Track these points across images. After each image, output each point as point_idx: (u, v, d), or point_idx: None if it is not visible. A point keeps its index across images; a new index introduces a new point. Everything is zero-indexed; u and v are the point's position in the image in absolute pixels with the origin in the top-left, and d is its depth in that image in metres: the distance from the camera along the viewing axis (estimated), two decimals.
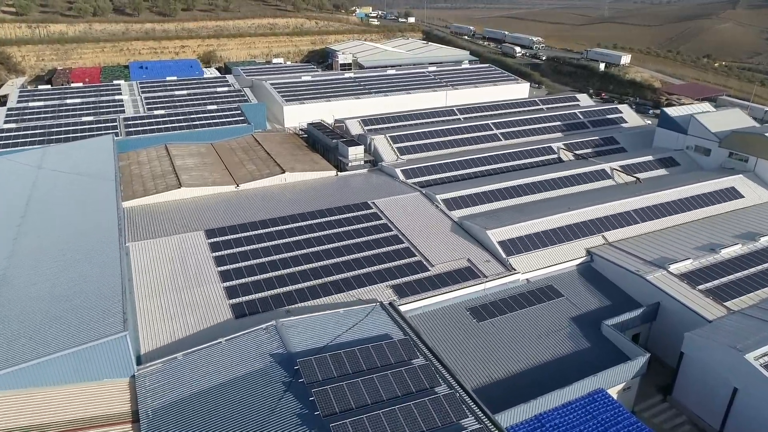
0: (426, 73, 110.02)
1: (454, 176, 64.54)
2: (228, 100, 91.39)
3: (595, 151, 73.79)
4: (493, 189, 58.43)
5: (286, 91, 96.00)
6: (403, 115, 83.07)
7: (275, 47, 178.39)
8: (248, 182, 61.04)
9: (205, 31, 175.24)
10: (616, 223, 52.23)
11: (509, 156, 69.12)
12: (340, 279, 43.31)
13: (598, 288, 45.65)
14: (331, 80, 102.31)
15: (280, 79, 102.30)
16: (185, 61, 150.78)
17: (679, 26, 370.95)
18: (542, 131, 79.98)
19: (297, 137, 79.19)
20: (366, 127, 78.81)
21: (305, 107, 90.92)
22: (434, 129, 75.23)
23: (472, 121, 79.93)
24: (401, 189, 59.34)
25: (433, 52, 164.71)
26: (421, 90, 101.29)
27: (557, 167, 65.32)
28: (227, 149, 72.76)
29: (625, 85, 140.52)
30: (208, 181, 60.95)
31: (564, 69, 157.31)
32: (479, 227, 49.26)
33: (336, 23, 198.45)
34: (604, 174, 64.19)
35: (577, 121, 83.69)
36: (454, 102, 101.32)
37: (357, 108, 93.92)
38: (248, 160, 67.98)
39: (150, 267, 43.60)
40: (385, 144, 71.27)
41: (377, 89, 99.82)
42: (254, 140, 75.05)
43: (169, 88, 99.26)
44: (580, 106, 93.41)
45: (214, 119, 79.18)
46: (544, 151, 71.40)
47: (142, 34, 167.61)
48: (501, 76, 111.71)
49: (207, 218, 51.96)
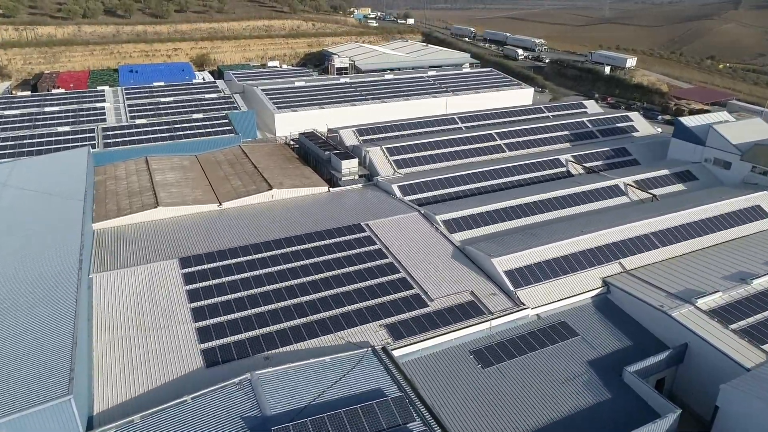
0: (425, 78, 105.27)
1: (455, 192, 59.76)
2: (216, 107, 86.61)
3: (606, 163, 68.99)
4: (498, 208, 53.62)
5: (278, 97, 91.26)
6: (401, 124, 78.29)
7: (271, 50, 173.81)
8: (232, 200, 56.25)
9: (199, 33, 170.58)
10: (633, 248, 47.40)
11: (514, 170, 64.32)
12: (328, 317, 38.49)
13: (617, 324, 40.84)
14: (326, 86, 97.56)
15: (272, 84, 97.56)
16: (177, 65, 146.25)
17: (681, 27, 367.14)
18: (548, 141, 75.17)
19: (287, 148, 74.40)
20: (361, 137, 74.04)
21: (298, 115, 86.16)
22: (434, 140, 70.45)
23: (474, 131, 75.13)
24: (398, 208, 54.54)
25: (432, 54, 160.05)
26: (420, 96, 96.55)
27: (567, 183, 60.52)
28: (212, 162, 67.97)
29: (632, 90, 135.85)
30: (188, 199, 56.15)
31: (568, 72, 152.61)
32: (484, 255, 44.44)
33: (333, 25, 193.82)
34: (618, 190, 59.37)
35: (585, 130, 78.89)
36: (454, 109, 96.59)
37: (352, 115, 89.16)
38: (234, 175, 63.18)
39: (114, 303, 38.79)
40: (381, 156, 66.50)
41: (374, 95, 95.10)
42: (242, 152, 70.25)
43: (155, 95, 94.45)
44: (587, 114, 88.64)
45: (200, 129, 74.40)
46: (551, 164, 66.60)
47: (133, 36, 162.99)
48: (503, 81, 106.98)
49: (183, 243, 47.14)
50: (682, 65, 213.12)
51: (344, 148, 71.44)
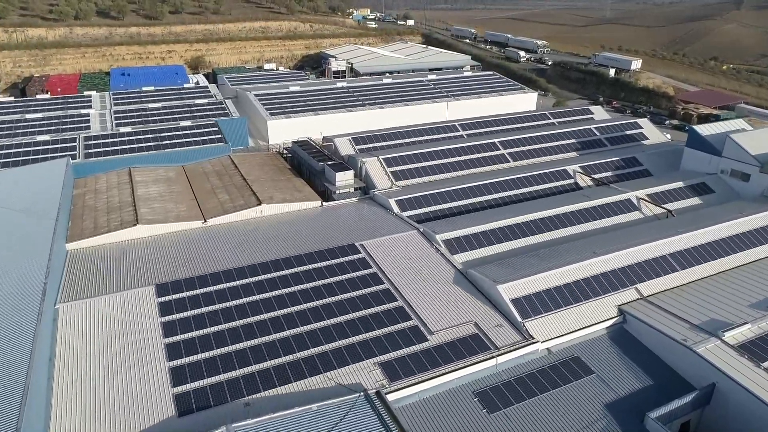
0: (425, 82, 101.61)
1: (457, 207, 56.06)
2: (206, 114, 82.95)
3: (616, 174, 65.28)
4: (503, 226, 49.90)
5: (271, 103, 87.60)
6: (399, 132, 74.60)
7: (267, 52, 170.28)
8: (218, 216, 52.55)
9: (194, 35, 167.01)
10: (650, 271, 43.68)
11: (519, 182, 60.63)
12: (317, 354, 34.78)
13: (635, 359, 37.13)
14: (322, 91, 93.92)
15: (265, 89, 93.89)
16: (170, 68, 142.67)
17: (683, 27, 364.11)
18: (554, 150, 71.45)
19: (279, 158, 70.67)
20: (357, 146, 70.34)
21: (292, 122, 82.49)
22: (434, 150, 66.74)
23: (477, 139, 71.41)
24: (395, 225, 50.84)
25: (433, 57, 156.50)
26: (419, 101, 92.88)
27: (575, 197, 56.78)
28: (199, 173, 64.27)
29: (637, 93, 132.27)
30: (170, 215, 52.44)
31: (571, 75, 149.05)
32: (488, 281, 40.74)
33: (331, 26, 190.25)
34: (630, 205, 55.65)
35: (592, 138, 75.18)
36: (455, 114, 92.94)
37: (349, 122, 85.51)
38: (221, 188, 59.48)
39: (81, 338, 35.09)
40: (378, 168, 62.80)
41: (371, 100, 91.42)
42: (231, 162, 66.53)
43: (144, 100, 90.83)
44: (594, 121, 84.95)
45: (188, 138, 70.71)
46: (558, 176, 62.90)
47: (126, 38, 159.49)
48: (506, 85, 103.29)
49: (162, 266, 43.44)
50: (685, 66, 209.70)
51: (339, 158, 67.79)
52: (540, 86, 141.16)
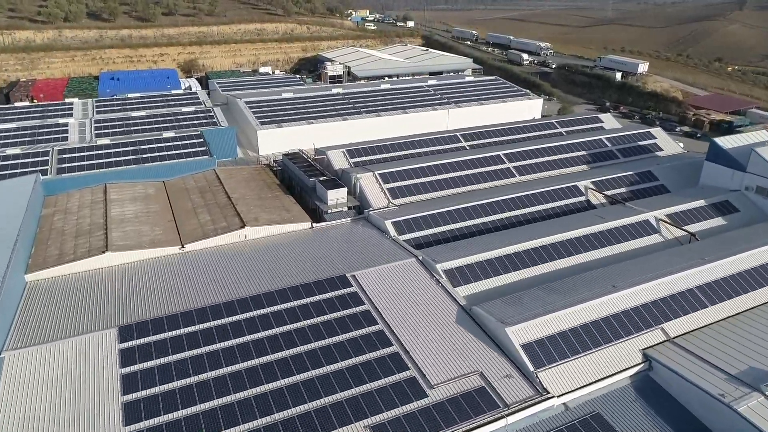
0: (425, 88, 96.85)
1: (459, 230, 51.31)
2: (193, 123, 78.25)
3: (631, 191, 60.53)
4: (510, 253, 45.14)
5: (262, 111, 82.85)
6: (397, 144, 69.83)
7: (263, 54, 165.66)
8: (197, 241, 47.81)
9: (187, 37, 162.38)
10: (677, 307, 38.93)
11: (527, 200, 55.86)
12: (299, 415, 29.99)
13: (665, 416, 32.36)
14: (316, 98, 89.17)
15: (257, 96, 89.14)
16: (162, 72, 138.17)
17: (686, 28, 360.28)
18: (563, 164, 66.68)
19: (268, 172, 65.89)
20: (352, 159, 65.59)
21: (283, 131, 77.75)
22: (433, 164, 61.95)
23: (480, 151, 66.66)
24: (391, 251, 46.08)
25: (433, 59, 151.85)
26: (418, 108, 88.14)
27: (588, 218, 51.99)
28: (181, 190, 59.54)
29: (645, 98, 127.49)
30: (145, 240, 47.71)
31: (576, 78, 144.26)
32: (495, 321, 36.00)
33: (329, 28, 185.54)
34: (649, 227, 50.88)
35: (603, 149, 70.40)
36: (456, 122, 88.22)
37: (344, 131, 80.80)
38: (203, 207, 54.74)
39: (25, 396, 30.35)
40: (374, 184, 58.06)
41: (368, 108, 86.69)
42: (215, 177, 61.80)
43: (128, 107, 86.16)
44: (605, 130, 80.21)
45: (170, 150, 65.97)
46: (569, 193, 58.14)
47: (117, 41, 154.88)
48: (510, 91, 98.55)
49: (129, 302, 38.71)
50: (690, 68, 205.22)
51: (332, 172, 63.13)
52: (544, 90, 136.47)
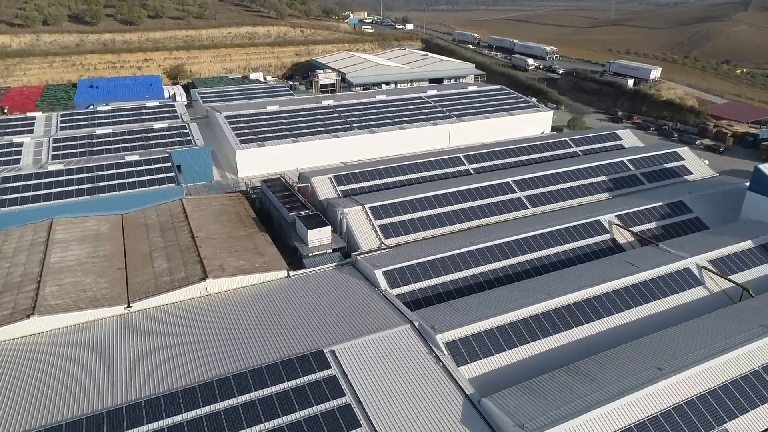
0: (423, 99, 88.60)
1: (463, 280, 43.03)
2: (165, 141, 70.04)
3: (662, 226, 52.24)
4: (527, 317, 36.87)
5: (244, 126, 74.58)
6: (391, 168, 61.52)
7: (254, 59, 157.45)
8: (147, 298, 39.57)
9: (174, 41, 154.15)
10: (745, 401, 30.63)
11: (543, 241, 47.56)
12: None
13: None
14: (304, 111, 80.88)
15: (238, 109, 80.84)
16: (144, 78, 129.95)
17: (690, 29, 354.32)
18: (582, 191, 58.38)
19: (243, 202, 57.56)
20: (340, 187, 57.30)
21: (266, 151, 69.50)
22: (433, 194, 53.65)
23: (486, 178, 58.34)
24: (381, 314, 37.79)
25: (433, 65, 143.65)
26: (417, 123, 79.84)
27: (616, 265, 43.65)
28: (140, 227, 51.26)
29: (660, 107, 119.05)
30: (83, 297, 39.46)
31: (586, 86, 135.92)
32: (513, 427, 27.70)
33: (324, 32, 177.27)
34: (690, 277, 42.57)
35: (626, 174, 62.09)
36: (458, 138, 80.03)
37: (335, 150, 72.62)
38: (161, 250, 46.47)
39: None
40: (363, 220, 49.78)
41: (361, 123, 78.42)
42: (182, 210, 53.50)
43: (96, 122, 77.94)
44: (624, 148, 71.99)
45: (132, 177, 57.72)
46: (590, 230, 49.84)
47: (99, 46, 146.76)
48: (517, 102, 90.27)
49: (38, 396, 30.45)
50: (698, 71, 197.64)
51: (317, 203, 54.95)
52: (551, 98, 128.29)
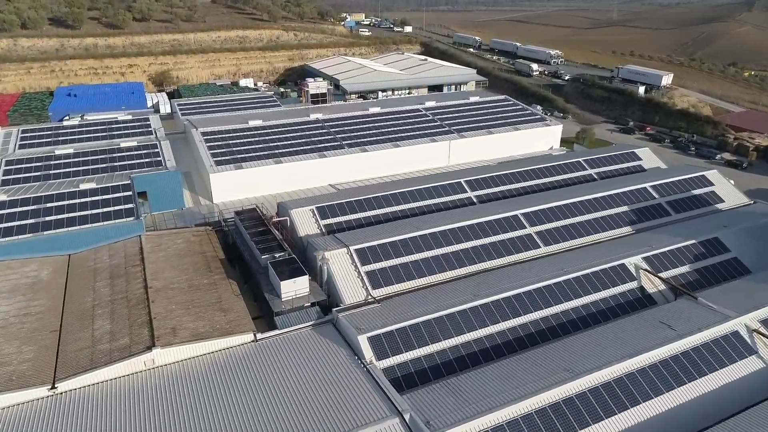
0: (421, 112, 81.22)
1: (466, 345, 35.65)
2: (131, 163, 62.71)
3: (697, 270, 44.82)
4: (545, 405, 29.48)
5: (221, 144, 67.23)
6: (383, 197, 54.07)
7: (245, 65, 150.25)
8: (77, 375, 32.23)
9: (160, 46, 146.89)
10: None
11: (560, 291, 40.18)
12: None
13: None
14: (290, 126, 73.49)
15: (218, 124, 73.43)
16: (126, 86, 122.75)
17: (694, 30, 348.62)
18: (600, 225, 50.96)
19: (212, 238, 50.12)
20: (323, 221, 49.90)
21: (244, 174, 62.14)
22: (429, 232, 46.22)
23: (491, 209, 50.85)
24: (364, 399, 30.46)
25: (432, 71, 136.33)
26: (414, 139, 72.40)
27: (651, 329, 36.21)
28: (87, 272, 43.92)
29: (675, 116, 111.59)
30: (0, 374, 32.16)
31: (594, 93, 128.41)
32: None
33: (319, 35, 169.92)
34: (741, 344, 35.16)
35: (650, 203, 54.68)
36: (459, 156, 72.71)
37: (321, 171, 65.34)
38: (106, 305, 39.13)
39: None
40: (348, 266, 42.38)
41: (352, 140, 71.02)
42: (138, 250, 46.17)
43: (60, 138, 70.64)
44: (645, 169, 64.62)
45: (85, 209, 50.30)
46: (614, 276, 42.46)
47: (81, 51, 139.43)
48: (523, 115, 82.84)
49: None
50: (705, 74, 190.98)
51: (296, 241, 47.64)
52: (557, 106, 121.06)
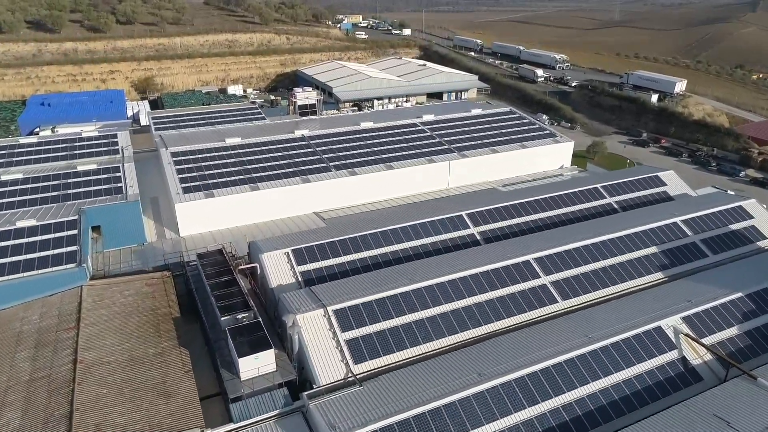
0: (418, 127, 73.59)
1: None
2: (86, 191, 55.07)
3: (747, 332, 37.16)
4: None
5: (193, 167, 59.64)
6: (372, 236, 46.32)
7: (234, 70, 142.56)
8: None
9: (144, 50, 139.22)
10: None
11: (586, 367, 32.51)
12: None
13: None
14: (272, 145, 65.88)
15: (192, 141, 65.79)
16: (105, 94, 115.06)
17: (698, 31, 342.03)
18: (627, 272, 43.21)
19: (169, 288, 42.36)
20: (299, 267, 42.21)
21: (215, 203, 54.51)
22: (425, 285, 38.58)
23: (499, 253, 43.14)
24: None
25: (431, 77, 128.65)
26: (410, 159, 64.77)
27: (704, 421, 28.58)
28: (8, 338, 36.27)
29: (692, 127, 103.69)
30: None
31: (603, 101, 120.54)
32: None
33: (312, 39, 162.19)
34: None
35: (682, 241, 46.98)
36: (460, 177, 65.18)
37: (304, 198, 57.79)
38: (21, 389, 31.49)
39: None
40: (325, 335, 34.71)
41: (341, 160, 63.37)
42: (76, 306, 38.55)
43: (15, 159, 63.04)
44: (671, 197, 56.94)
45: (18, 253, 42.68)
46: (651, 345, 34.80)
47: (59, 56, 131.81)
48: (530, 131, 75.17)
49: None
50: (713, 77, 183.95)
51: (268, 294, 40.04)
52: (564, 115, 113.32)
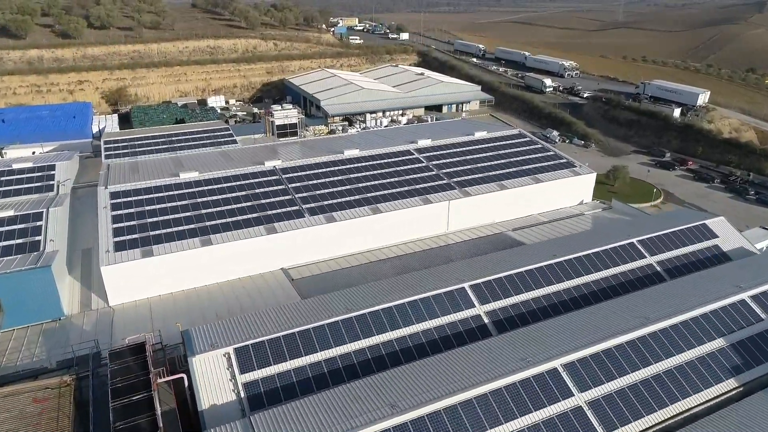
0: (413, 156, 62.52)
1: None
2: None
3: None
4: None
5: (133, 213, 48.60)
6: (345, 321, 35.06)
7: (216, 79, 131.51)
8: None
9: (117, 58, 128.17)
10: None
11: None
12: None
13: None
14: (235, 181, 54.80)
15: (140, 176, 54.70)
16: (69, 107, 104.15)
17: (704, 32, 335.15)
18: (689, 383, 32.04)
19: (65, 402, 31.15)
20: (243, 376, 30.94)
21: (154, 264, 43.43)
22: (416, 415, 27.46)
23: (513, 351, 31.99)
24: None
25: (430, 87, 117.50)
26: (400, 199, 53.64)
27: None
28: None
29: (720, 147, 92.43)
30: None
31: (619, 115, 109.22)
32: None
33: (302, 44, 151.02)
34: None
35: (755, 328, 35.74)
36: (461, 220, 54.13)
37: (268, 251, 46.70)
38: None
39: None
40: None
41: (317, 201, 52.23)
42: None
43: None
44: (724, 253, 45.68)
45: None
46: None
47: (22, 65, 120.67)
48: (543, 158, 64.03)
49: None
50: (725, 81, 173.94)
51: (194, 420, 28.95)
52: (577, 131, 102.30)
